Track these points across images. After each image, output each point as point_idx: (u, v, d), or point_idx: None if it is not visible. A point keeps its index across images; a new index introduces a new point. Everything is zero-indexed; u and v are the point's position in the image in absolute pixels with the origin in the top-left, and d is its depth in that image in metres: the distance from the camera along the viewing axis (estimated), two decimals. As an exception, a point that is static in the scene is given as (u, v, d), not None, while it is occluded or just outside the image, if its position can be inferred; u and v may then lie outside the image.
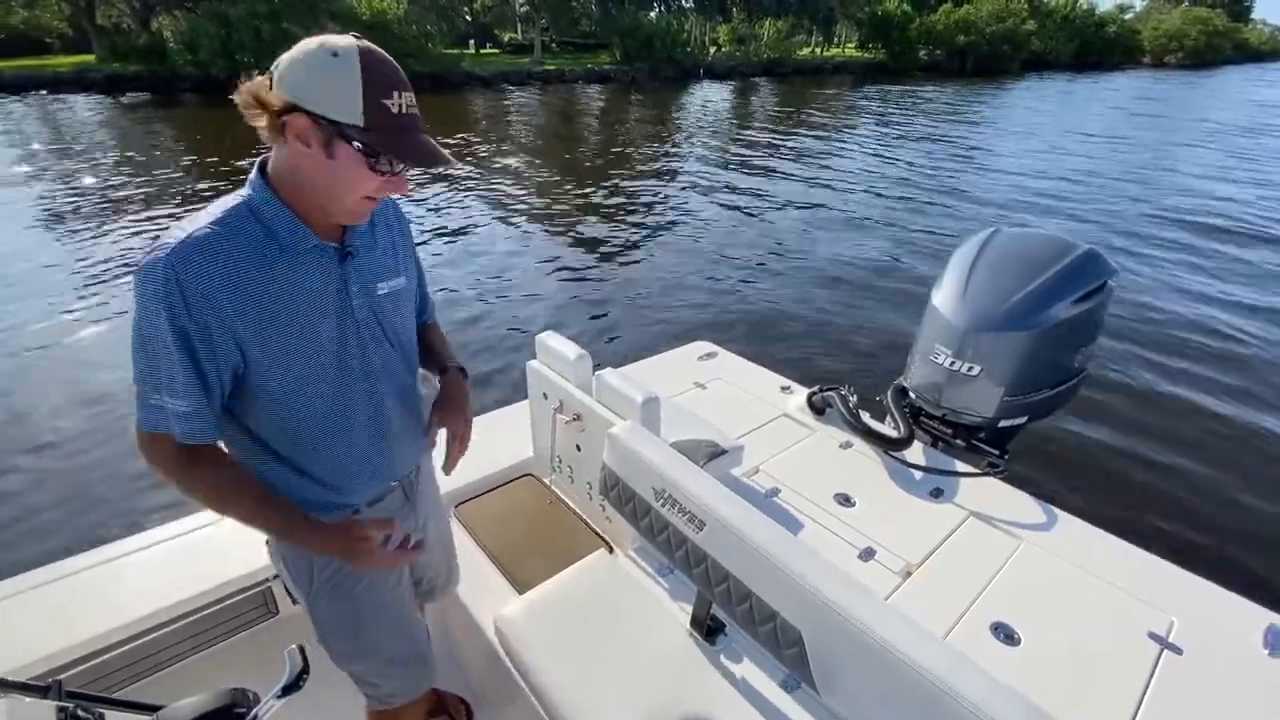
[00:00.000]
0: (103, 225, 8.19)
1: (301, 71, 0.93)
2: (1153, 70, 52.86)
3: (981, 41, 45.98)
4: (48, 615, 1.60)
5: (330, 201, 1.02)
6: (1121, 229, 8.92)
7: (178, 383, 0.98)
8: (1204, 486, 3.84)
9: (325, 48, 0.94)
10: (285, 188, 1.02)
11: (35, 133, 15.15)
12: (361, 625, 1.30)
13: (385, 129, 0.96)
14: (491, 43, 45.92)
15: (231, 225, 0.99)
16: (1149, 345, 5.55)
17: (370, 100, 0.94)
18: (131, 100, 21.61)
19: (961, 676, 0.99)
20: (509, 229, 8.54)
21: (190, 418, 1.00)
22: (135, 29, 27.21)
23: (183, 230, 0.97)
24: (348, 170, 0.98)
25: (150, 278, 0.94)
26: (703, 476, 1.44)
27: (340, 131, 0.94)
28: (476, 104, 23.28)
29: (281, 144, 0.99)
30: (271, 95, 0.95)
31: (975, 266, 2.15)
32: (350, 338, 1.13)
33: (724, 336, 4.68)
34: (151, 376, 0.99)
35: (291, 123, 0.94)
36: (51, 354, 5.09)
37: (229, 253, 0.97)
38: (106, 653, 1.58)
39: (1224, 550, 3.33)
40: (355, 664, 1.36)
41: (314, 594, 1.25)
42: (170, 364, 0.97)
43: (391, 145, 0.97)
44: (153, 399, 1.00)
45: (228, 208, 1.01)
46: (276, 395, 1.07)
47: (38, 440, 4.04)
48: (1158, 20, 63.79)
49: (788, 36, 44.22)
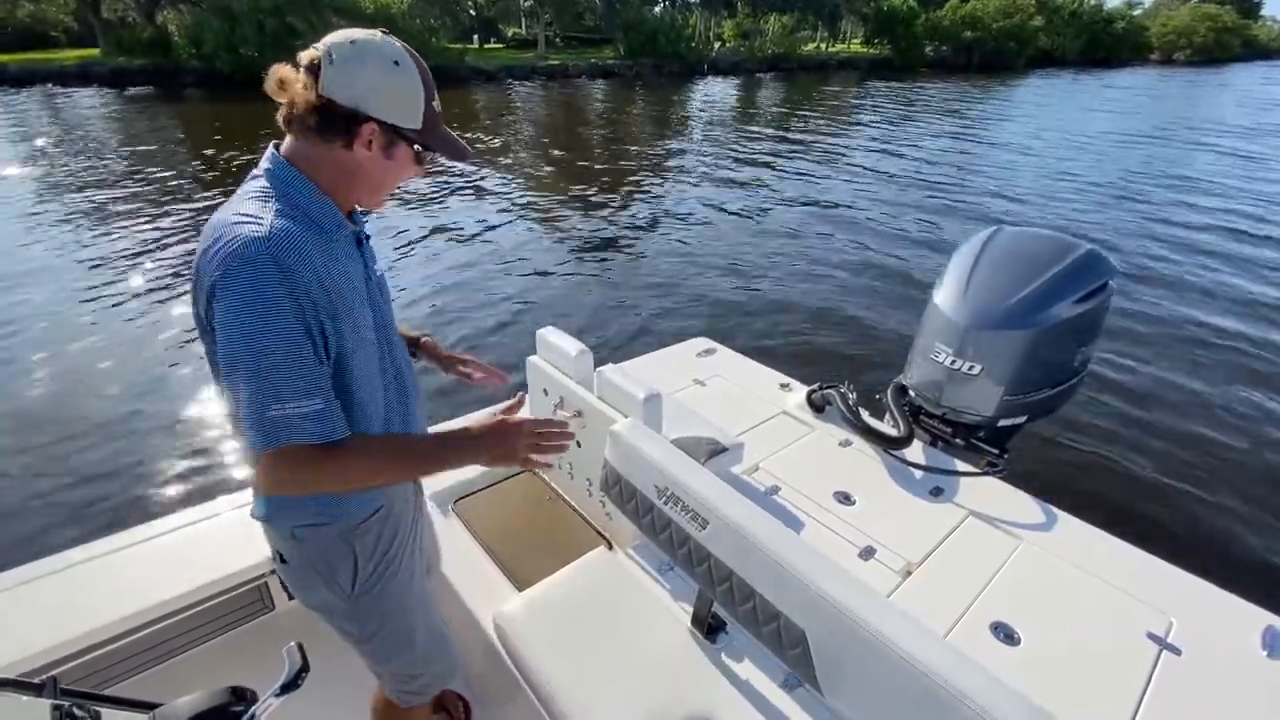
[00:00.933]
0: (109, 219, 8.21)
1: (367, 79, 0.98)
2: (1160, 67, 52.48)
3: (988, 38, 45.71)
4: (42, 611, 1.59)
5: (372, 194, 1.10)
6: (1124, 229, 8.88)
7: (307, 381, 0.93)
8: (1204, 487, 3.84)
9: (384, 53, 0.99)
10: (320, 178, 1.03)
11: (40, 126, 15.18)
12: (405, 617, 1.30)
13: (433, 129, 1.06)
14: (495, 37, 45.83)
15: (290, 215, 0.98)
16: (1149, 345, 5.54)
17: (426, 104, 1.04)
18: (136, 94, 21.63)
19: (965, 676, 0.99)
20: (509, 224, 8.54)
21: (324, 416, 0.95)
22: (140, 23, 27.23)
23: (258, 223, 0.94)
24: (401, 167, 1.07)
25: (265, 271, 0.90)
26: (705, 474, 1.43)
27: (400, 134, 1.03)
28: (479, 99, 23.23)
29: (324, 142, 1.00)
30: (318, 96, 0.97)
31: (977, 265, 2.14)
32: (379, 316, 1.16)
33: (723, 333, 4.69)
34: (271, 384, 0.91)
35: (362, 131, 1.00)
36: (59, 344, 5.12)
37: (306, 242, 0.96)
38: (102, 648, 1.56)
39: (1223, 551, 3.33)
40: (396, 660, 1.34)
41: (358, 593, 1.22)
42: (300, 360, 0.92)
43: (438, 143, 1.08)
44: (272, 411, 0.91)
45: (273, 197, 0.99)
46: (353, 381, 1.07)
47: (50, 432, 4.06)
48: (1166, 17, 63.24)
49: (793, 32, 44.04)
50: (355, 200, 1.10)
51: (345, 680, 1.40)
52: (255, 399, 0.91)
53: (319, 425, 0.95)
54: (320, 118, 0.98)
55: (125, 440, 3.99)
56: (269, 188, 1.01)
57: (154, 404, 4.37)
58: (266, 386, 0.91)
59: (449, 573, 1.81)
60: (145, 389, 4.55)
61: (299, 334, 0.93)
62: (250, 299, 0.90)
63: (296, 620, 1.78)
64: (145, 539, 1.82)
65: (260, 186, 1.01)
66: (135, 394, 4.49)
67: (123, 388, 4.56)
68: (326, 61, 0.97)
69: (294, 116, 1.00)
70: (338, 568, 1.19)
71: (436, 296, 6.19)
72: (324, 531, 1.16)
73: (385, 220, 8.32)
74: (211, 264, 0.93)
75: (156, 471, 3.72)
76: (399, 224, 8.29)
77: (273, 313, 0.90)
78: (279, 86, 0.98)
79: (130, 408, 4.32)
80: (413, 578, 1.32)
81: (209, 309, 0.94)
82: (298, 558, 1.19)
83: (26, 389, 4.56)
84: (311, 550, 1.17)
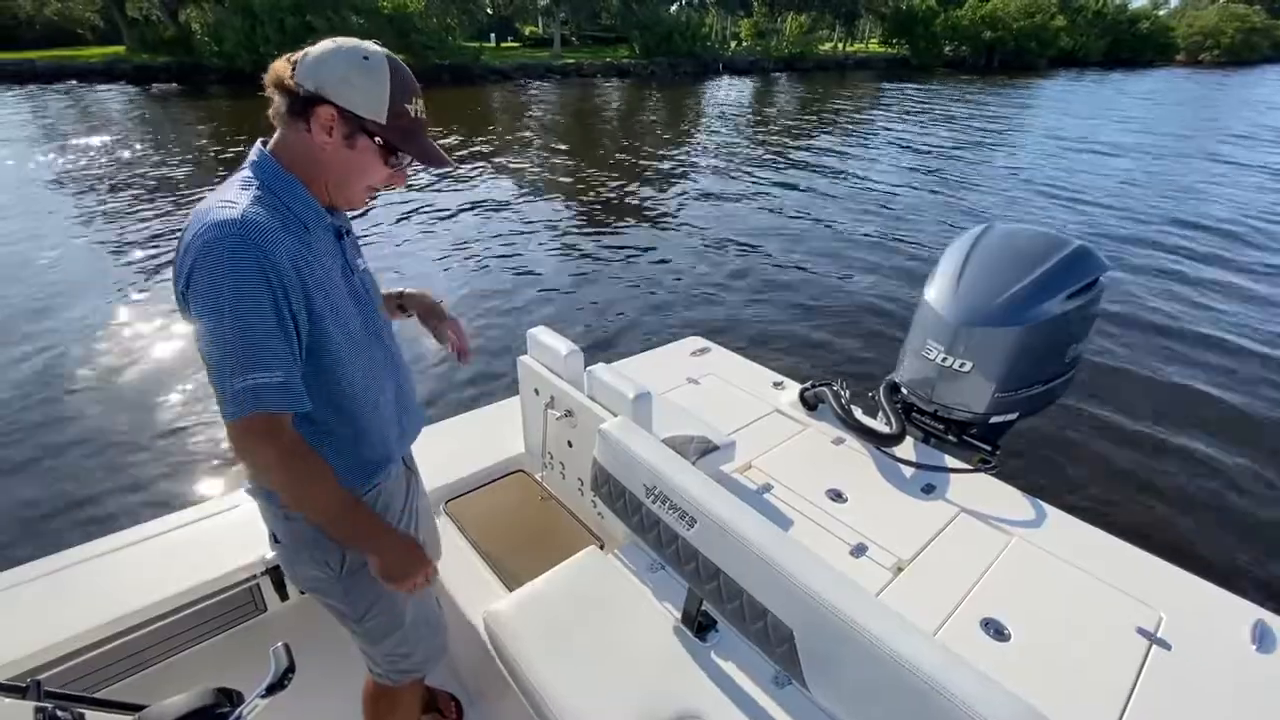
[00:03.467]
0: (122, 214, 8.37)
1: (333, 68, 1.03)
2: (1187, 69, 51.44)
3: (1008, 37, 45.11)
4: (27, 613, 1.56)
5: (339, 187, 1.12)
6: (1128, 229, 8.78)
7: (272, 352, 0.97)
8: (1194, 482, 3.83)
9: (358, 49, 1.04)
10: (295, 169, 1.08)
11: (65, 121, 15.50)
12: (396, 595, 1.31)
13: (403, 129, 1.08)
14: (512, 36, 46.03)
15: (266, 202, 1.04)
16: (1141, 341, 5.52)
17: (394, 102, 1.06)
18: (160, 91, 22.03)
19: (951, 673, 0.99)
20: (504, 221, 8.53)
21: (288, 388, 1.00)
22: (164, 20, 27.68)
23: (233, 206, 0.99)
24: (364, 161, 1.09)
25: (236, 249, 0.94)
26: (694, 473, 1.44)
27: (363, 126, 1.06)
28: (493, 97, 23.35)
29: (294, 128, 1.06)
30: (291, 81, 1.03)
31: (968, 262, 2.14)
32: (363, 304, 1.21)
33: (716, 332, 4.69)
34: (242, 355, 0.96)
35: (318, 113, 1.03)
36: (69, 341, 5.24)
37: (278, 225, 1.02)
38: (88, 651, 1.55)
39: (1213, 546, 3.32)
40: (387, 638, 1.36)
41: (346, 571, 1.25)
42: (265, 334, 0.96)
43: (408, 144, 1.10)
44: (243, 381, 0.96)
45: (249, 185, 1.05)
46: (330, 363, 1.11)
47: (75, 418, 4.14)
48: (1193, 17, 61.98)
49: (810, 31, 43.75)
50: (327, 191, 1.13)
51: (337, 680, 1.40)
52: (223, 369, 0.96)
53: (281, 395, 0.99)
54: (289, 100, 1.04)
55: (119, 441, 3.98)
56: (251, 177, 1.07)
57: (147, 400, 4.36)
58: (233, 358, 0.96)
59: (441, 573, 1.79)
60: (139, 384, 4.55)
61: (267, 309, 0.97)
62: (220, 276, 0.95)
63: (289, 622, 1.81)
64: (136, 541, 1.81)
65: (244, 176, 1.07)
66: (127, 388, 4.51)
67: (103, 381, 4.55)
68: (303, 56, 1.05)
69: (274, 104, 1.06)
70: (328, 546, 1.22)
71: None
72: None
73: (383, 218, 8.36)
74: (189, 245, 0.99)
75: (147, 471, 3.70)
76: (395, 221, 8.33)
77: (242, 289, 0.95)
78: (271, 81, 1.05)
79: (121, 402, 4.35)
80: None
81: (187, 288, 0.99)
82: (290, 536, 1.23)
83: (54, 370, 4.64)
84: (303, 528, 1.20)
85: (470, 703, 1.86)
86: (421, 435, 1.42)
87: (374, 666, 1.42)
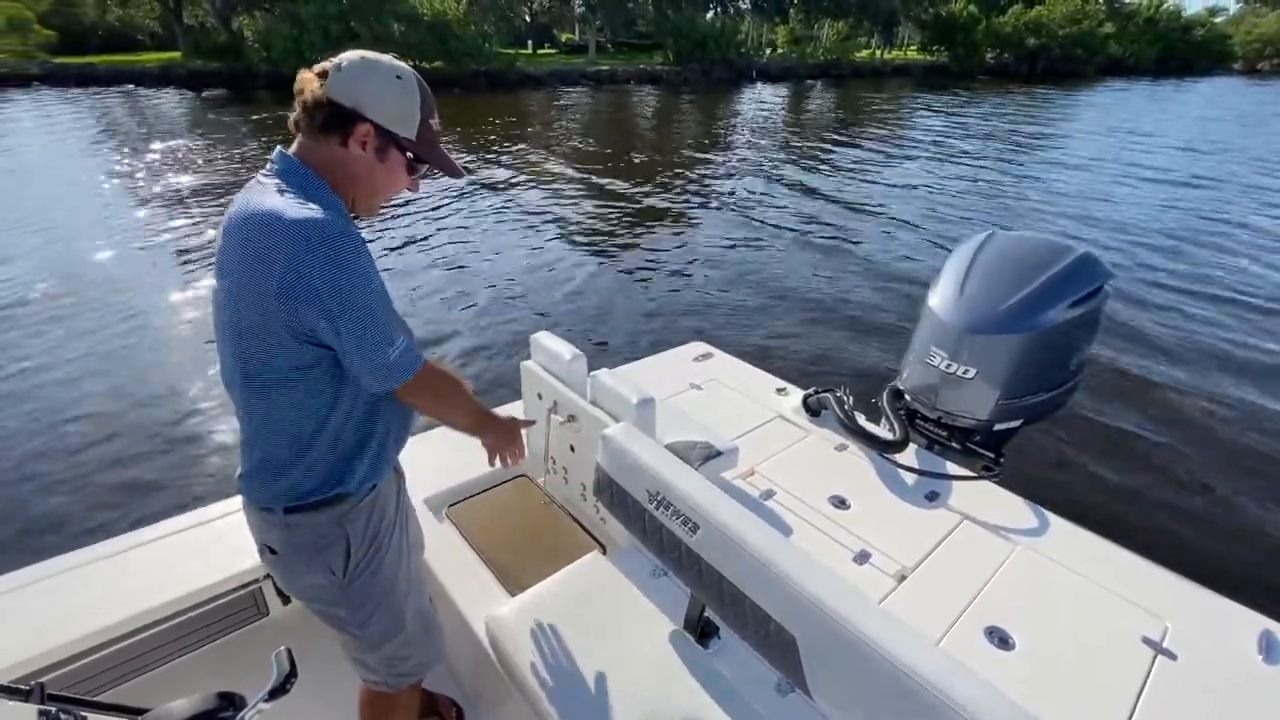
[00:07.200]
0: (171, 210, 8.75)
1: (371, 88, 1.11)
2: (1245, 78, 49.39)
3: (1053, 44, 43.97)
4: (31, 616, 1.57)
5: (368, 197, 1.20)
6: (1133, 233, 8.59)
7: (398, 319, 1.14)
8: (1200, 491, 3.74)
9: (391, 68, 1.14)
10: (324, 178, 1.13)
11: (123, 122, 16.29)
12: (396, 600, 1.33)
13: (428, 143, 1.19)
14: (550, 42, 46.68)
15: (324, 202, 1.10)
16: (1146, 349, 5.40)
17: (423, 119, 1.17)
18: (211, 96, 22.92)
19: (955, 682, 0.98)
20: (512, 227, 8.54)
21: (413, 346, 1.16)
22: (218, 28, 28.86)
23: (310, 206, 1.05)
24: (393, 173, 1.19)
25: (346, 235, 1.04)
26: (697, 479, 1.42)
27: (395, 141, 1.15)
28: (526, 103, 23.66)
29: (326, 141, 1.12)
30: (321, 94, 1.09)
31: (971, 269, 2.13)
32: None
33: (720, 338, 4.67)
34: (386, 328, 1.09)
35: (358, 130, 1.12)
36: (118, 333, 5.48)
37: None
38: (91, 655, 1.55)
39: (1219, 555, 3.23)
40: (388, 642, 1.35)
41: (350, 577, 1.25)
42: (388, 305, 1.11)
43: (432, 156, 1.21)
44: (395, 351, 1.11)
45: (298, 189, 1.08)
46: None
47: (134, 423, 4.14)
48: (1252, 24, 59.61)
49: (847, 38, 43.33)
50: (353, 201, 1.18)
51: (339, 685, 1.41)
52: (377, 345, 1.09)
53: (417, 352, 1.17)
54: (325, 115, 1.10)
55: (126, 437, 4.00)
56: (291, 184, 1.09)
57: (149, 400, 4.34)
58: (378, 332, 1.08)
59: (442, 578, 1.80)
60: (144, 384, 4.54)
61: (382, 287, 1.10)
62: (339, 264, 1.03)
63: (292, 626, 1.83)
64: (139, 544, 1.80)
65: (285, 184, 1.09)
66: (130, 388, 4.50)
67: (108, 380, 4.53)
68: (335, 69, 1.10)
69: (302, 115, 1.12)
70: (330, 553, 1.22)
71: (432, 296, 6.23)
72: (316, 516, 1.19)
73: (389, 223, 8.44)
74: (283, 242, 1.01)
75: (147, 473, 3.68)
76: (400, 226, 8.42)
77: (361, 272, 1.05)
78: (310, 95, 1.10)
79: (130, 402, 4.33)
80: (401, 558, 1.35)
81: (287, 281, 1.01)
82: (288, 546, 1.22)
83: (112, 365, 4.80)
84: (303, 536, 1.20)
85: (471, 707, 1.84)
86: (424, 440, 1.46)
87: (369, 674, 1.41)
